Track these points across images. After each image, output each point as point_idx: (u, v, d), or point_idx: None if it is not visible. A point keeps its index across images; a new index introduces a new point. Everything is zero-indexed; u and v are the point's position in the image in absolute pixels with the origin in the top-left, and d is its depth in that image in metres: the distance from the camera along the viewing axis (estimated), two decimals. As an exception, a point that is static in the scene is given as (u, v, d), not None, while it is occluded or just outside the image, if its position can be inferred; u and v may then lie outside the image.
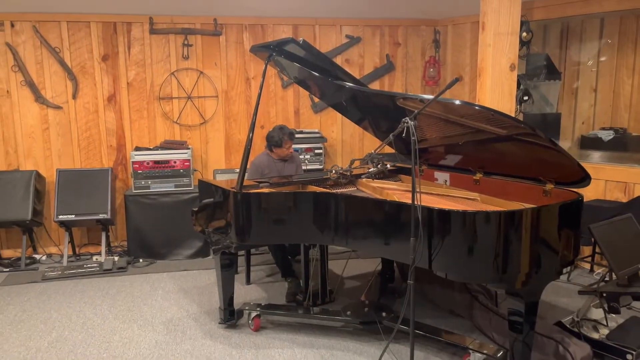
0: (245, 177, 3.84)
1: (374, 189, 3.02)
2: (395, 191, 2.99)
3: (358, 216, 2.65)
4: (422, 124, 2.78)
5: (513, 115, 3.53)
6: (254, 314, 3.11)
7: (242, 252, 3.94)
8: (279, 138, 3.76)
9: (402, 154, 3.22)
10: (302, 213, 2.75)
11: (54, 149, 4.60)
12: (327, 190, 2.92)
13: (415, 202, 2.19)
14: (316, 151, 4.77)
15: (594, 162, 4.30)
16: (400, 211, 2.45)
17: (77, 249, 4.57)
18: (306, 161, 4.61)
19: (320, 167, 4.76)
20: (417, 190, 2.19)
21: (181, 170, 4.45)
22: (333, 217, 2.70)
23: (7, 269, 4.21)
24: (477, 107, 2.41)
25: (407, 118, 2.20)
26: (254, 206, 2.79)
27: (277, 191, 2.91)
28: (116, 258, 4.35)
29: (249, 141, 2.86)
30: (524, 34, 4.28)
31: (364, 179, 3.18)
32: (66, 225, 4.37)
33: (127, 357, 2.82)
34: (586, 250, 4.04)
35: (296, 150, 4.61)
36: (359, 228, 2.64)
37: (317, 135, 4.88)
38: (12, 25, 4.40)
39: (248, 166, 3.62)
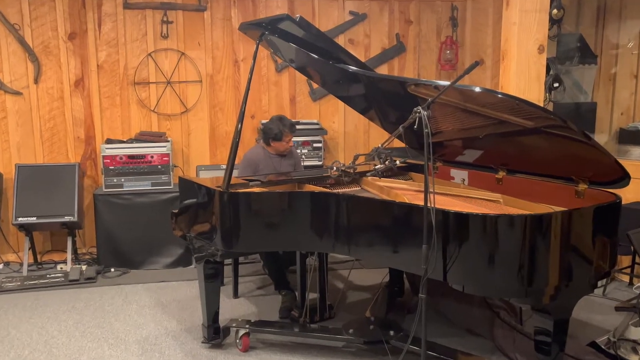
0: (237, 174, 3.88)
1: (381, 188, 3.02)
2: (406, 191, 2.99)
3: (362, 220, 2.65)
4: (437, 114, 2.78)
5: (541, 104, 3.53)
6: (242, 331, 3.11)
7: (228, 261, 3.95)
8: (278, 130, 3.75)
9: (413, 148, 3.22)
10: (298, 216, 2.75)
11: (13, 141, 4.60)
12: (327, 190, 2.92)
13: (429, 204, 2.19)
14: (315, 145, 4.77)
15: (634, 159, 4.30)
16: (411, 214, 2.45)
17: (39, 257, 4.58)
18: (303, 156, 4.62)
19: (319, 163, 4.77)
20: (431, 190, 2.19)
21: (159, 167, 4.46)
22: (334, 220, 2.71)
23: (-42, 279, 4.22)
24: (500, 95, 2.41)
25: (420, 107, 2.20)
26: (243, 208, 2.79)
27: (270, 191, 2.92)
28: (84, 267, 4.35)
29: (237, 133, 2.86)
30: (555, 11, 4.29)
31: (370, 177, 3.19)
32: (26, 229, 4.37)
33: (96, 380, 2.83)
34: (624, 261, 4.05)
35: (293, 143, 4.60)
36: (364, 233, 2.64)
37: (316, 126, 4.88)
38: (-35, -2, 4.40)
39: (237, 162, 3.62)
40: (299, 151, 4.63)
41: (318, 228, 2.75)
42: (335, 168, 3.19)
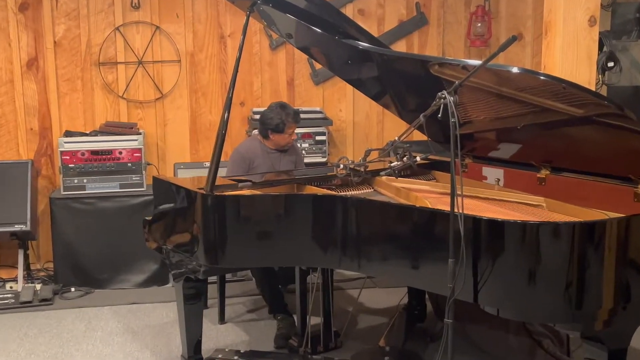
0: (225, 172, 3.90)
1: (398, 190, 3.02)
2: (428, 194, 3.00)
3: (375, 229, 2.65)
4: (466, 101, 2.78)
5: (592, 88, 3.52)
6: (229, 364, 3.12)
7: (213, 279, 3.95)
8: (280, 120, 3.74)
9: (437, 142, 3.22)
10: (297, 224, 2.75)
11: (-48, 133, 4.62)
12: (333, 193, 2.92)
13: (456, 210, 2.19)
14: (317, 138, 4.77)
15: None
16: (435, 222, 2.45)
17: (-17, 274, 4.59)
18: (304, 151, 4.62)
19: (323, 160, 4.77)
20: (458, 192, 2.19)
21: (129, 164, 4.46)
22: (340, 229, 2.71)
23: None
24: (542, 77, 2.41)
25: (445, 92, 2.20)
26: (231, 214, 2.79)
27: (263, 193, 2.92)
28: (38, 286, 4.35)
29: (224, 124, 2.86)
30: (609, -26, 4.27)
31: (384, 177, 3.18)
32: (-31, 240, 4.39)
33: (53, 423, 2.83)
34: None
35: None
36: (377, 245, 2.64)
37: (319, 115, 4.88)
38: None
39: (223, 159, 3.62)
40: (299, 145, 4.63)
41: (321, 239, 2.75)
42: (342, 166, 3.18)
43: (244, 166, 3.83)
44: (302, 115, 4.76)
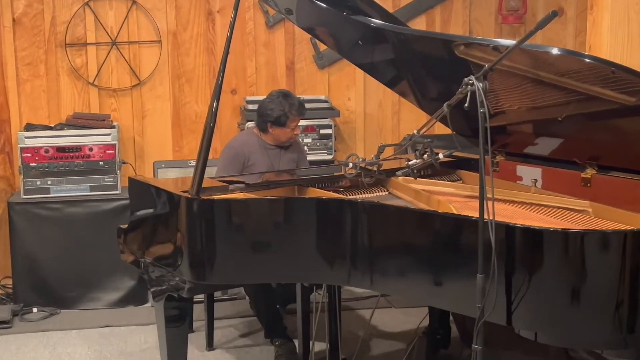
0: (218, 170, 3.88)
1: (417, 193, 3.02)
2: (452, 197, 2.99)
3: (390, 238, 2.65)
4: (498, 88, 2.77)
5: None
6: (219, 398, 3.12)
7: (200, 297, 3.95)
8: (282, 112, 3.77)
9: (463, 136, 3.21)
10: (298, 233, 2.75)
11: None
12: (340, 196, 2.92)
13: (485, 216, 2.18)
14: (322, 131, 4.77)
15: None
16: (460, 230, 2.45)
17: None
18: (307, 147, 4.62)
19: (329, 157, 4.77)
20: (489, 195, 2.18)
21: (101, 163, 4.46)
22: (349, 239, 2.70)
23: None
24: (587, 60, 2.41)
25: (473, 77, 2.20)
26: (221, 222, 2.79)
27: (259, 197, 2.92)
28: (-6, 306, 4.37)
29: (213, 115, 2.85)
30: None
31: (401, 178, 3.18)
32: None
33: None
34: None
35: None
36: (392, 258, 2.64)
37: (324, 105, 4.88)
38: None
39: (212, 156, 3.61)
40: (300, 140, 4.63)
41: (327, 250, 2.75)
42: (351, 164, 3.18)
43: (237, 164, 3.83)
44: (304, 105, 4.79)
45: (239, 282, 3.70)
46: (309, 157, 4.51)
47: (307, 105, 4.71)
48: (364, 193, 3.15)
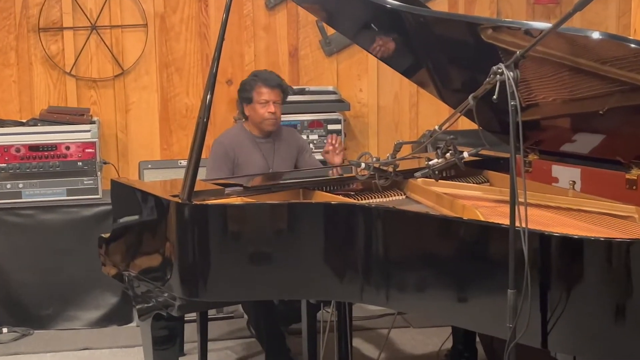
0: (208, 170, 3.89)
1: (439, 197, 3.02)
2: (479, 202, 2.98)
3: (408, 248, 2.65)
4: (530, 77, 2.78)
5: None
6: None
7: (191, 315, 3.93)
8: (249, 86, 3.84)
9: (491, 132, 3.21)
10: (304, 243, 2.75)
11: None
12: (351, 201, 2.92)
13: (517, 223, 2.18)
14: (330, 127, 4.76)
15: None
16: (488, 240, 2.45)
17: None
18: (312, 145, 4.62)
19: (338, 156, 4.76)
20: (521, 199, 2.18)
21: (79, 164, 4.46)
22: (362, 250, 2.70)
23: None
24: (633, 46, 2.41)
25: (502, 65, 2.20)
26: (216, 230, 2.79)
27: (259, 202, 2.91)
28: (-41, 326, 4.36)
29: (206, 109, 2.85)
30: None
31: (420, 180, 3.16)
32: None
33: None
34: None
35: (294, 124, 4.57)
36: (411, 271, 2.64)
37: (333, 97, 4.87)
38: None
39: (205, 155, 3.59)
40: (304, 137, 4.62)
41: (337, 262, 2.75)
42: (363, 165, 3.17)
43: (227, 162, 3.87)
44: (309, 97, 4.77)
45: (237, 299, 3.71)
46: (318, 156, 4.48)
47: (313, 97, 4.77)
48: (378, 197, 3.15)
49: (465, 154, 2.97)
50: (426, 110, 5.10)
